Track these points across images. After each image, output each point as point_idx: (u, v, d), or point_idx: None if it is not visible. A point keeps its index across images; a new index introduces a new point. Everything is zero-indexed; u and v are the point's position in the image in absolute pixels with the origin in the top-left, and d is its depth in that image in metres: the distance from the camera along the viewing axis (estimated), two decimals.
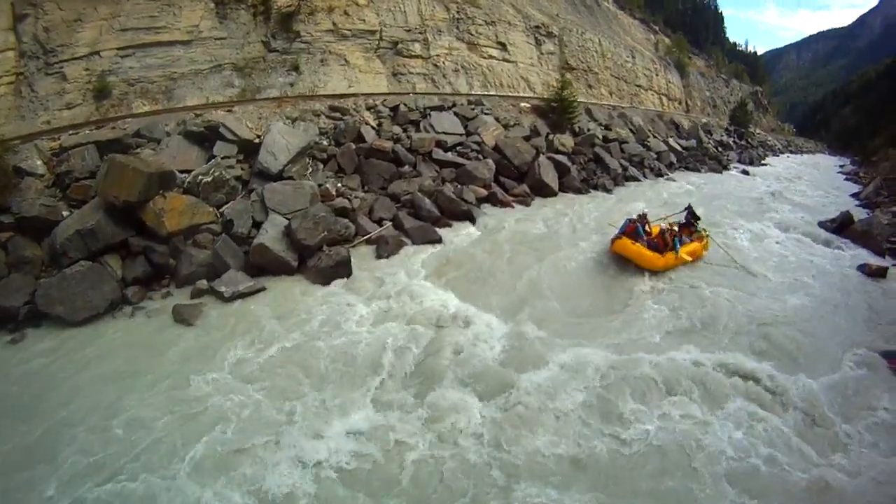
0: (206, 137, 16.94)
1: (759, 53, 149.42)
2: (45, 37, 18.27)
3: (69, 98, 18.57)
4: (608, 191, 25.94)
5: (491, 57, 35.26)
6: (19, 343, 11.24)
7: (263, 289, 13.18)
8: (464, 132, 24.03)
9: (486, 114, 26.46)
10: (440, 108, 24.73)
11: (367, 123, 21.01)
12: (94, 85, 18.99)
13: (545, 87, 37.00)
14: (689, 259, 15.76)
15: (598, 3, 56.82)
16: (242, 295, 12.75)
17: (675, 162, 36.37)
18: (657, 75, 55.13)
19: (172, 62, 21.17)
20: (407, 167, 19.86)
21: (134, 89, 20.00)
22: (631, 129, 36.77)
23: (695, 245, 16.49)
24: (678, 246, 15.48)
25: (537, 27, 39.46)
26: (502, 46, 36.05)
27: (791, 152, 75.06)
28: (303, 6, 25.48)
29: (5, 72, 17.49)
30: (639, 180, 29.59)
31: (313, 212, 14.59)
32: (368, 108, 22.47)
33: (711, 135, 51.23)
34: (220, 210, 14.89)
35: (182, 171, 15.29)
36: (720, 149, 47.74)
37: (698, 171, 36.77)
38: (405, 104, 23.47)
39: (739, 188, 32.10)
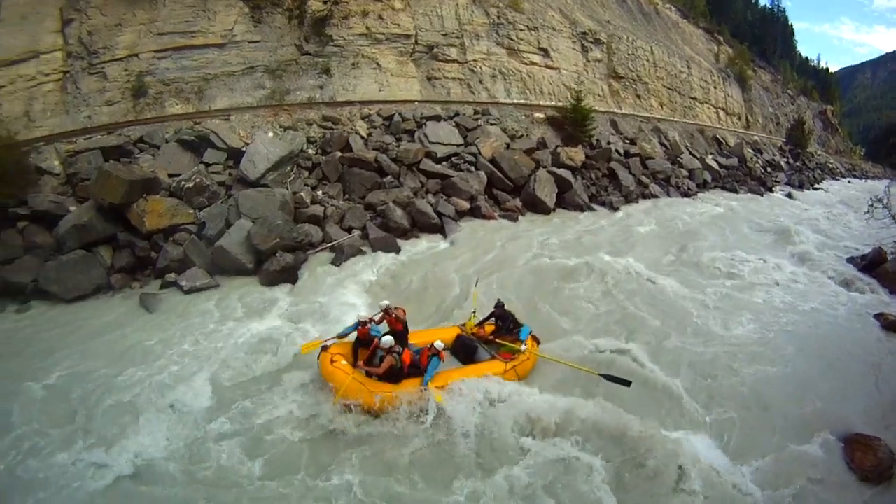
0: (198, 145, 19.56)
1: (831, 70, 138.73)
2: (89, 39, 21.39)
3: (109, 96, 21.61)
4: (614, 208, 26.16)
5: (532, 63, 35.65)
6: (23, 312, 14.37)
7: (217, 286, 15.57)
8: (462, 143, 24.94)
9: (491, 124, 27.21)
10: (437, 118, 25.61)
11: (357, 133, 22.69)
12: (132, 84, 21.93)
13: (591, 94, 37.14)
14: (440, 398, 9.85)
15: (656, 11, 55.26)
16: (197, 290, 15.20)
17: (709, 181, 35.82)
18: (715, 88, 53.42)
19: (206, 64, 23.74)
20: (389, 177, 21.30)
21: (169, 89, 22.76)
22: (664, 144, 36.44)
23: (493, 365, 11.23)
24: (431, 372, 10.22)
25: (584, 33, 39.34)
26: (545, 52, 36.36)
27: (854, 177, 70.20)
28: (336, 10, 27.16)
29: (53, 70, 20.75)
30: (658, 198, 29.66)
31: (271, 219, 16.62)
32: (363, 118, 24.05)
33: (761, 154, 49.52)
34: (200, 212, 17.38)
35: (173, 176, 18.07)
36: (768, 169, 46.27)
37: (735, 191, 35.99)
38: (400, 114, 24.78)
39: (772, 213, 30.96)
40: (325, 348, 10.77)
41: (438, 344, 10.68)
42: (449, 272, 16.75)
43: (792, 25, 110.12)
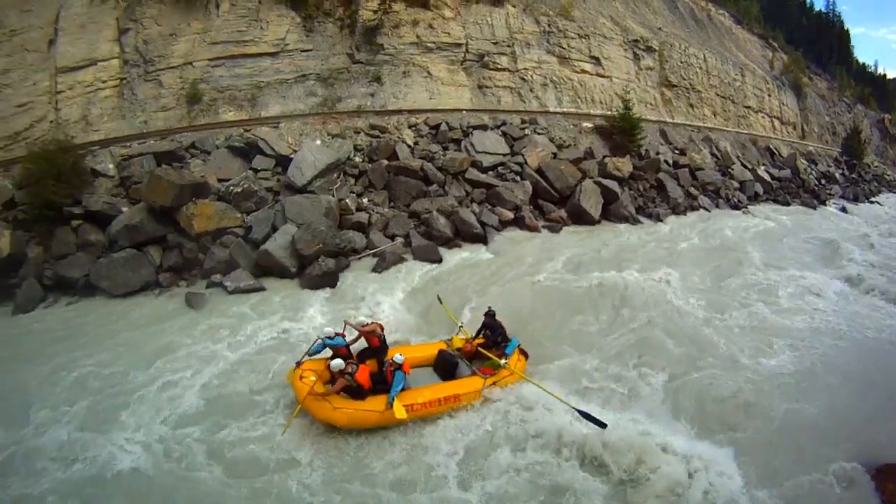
0: (247, 151, 20.03)
1: (889, 76, 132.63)
2: (145, 48, 22.21)
3: (164, 102, 22.33)
4: (660, 221, 25.58)
5: (583, 71, 35.23)
6: (74, 304, 15.31)
7: (262, 288, 15.94)
8: (508, 152, 24.82)
9: (539, 133, 26.99)
10: (484, 128, 25.56)
11: (403, 141, 22.83)
12: (186, 91, 22.60)
13: (643, 103, 36.75)
14: (405, 417, 9.71)
15: (709, 17, 54.02)
16: (242, 291, 15.60)
17: (760, 193, 34.65)
18: (769, 96, 51.65)
19: (259, 72, 24.30)
20: (434, 186, 21.37)
21: (223, 96, 23.36)
22: (714, 155, 35.55)
23: (471, 382, 10.94)
24: (397, 387, 9.92)
25: (635, 41, 38.77)
26: (596, 60, 35.86)
27: None
28: (387, 20, 27.44)
29: (110, 77, 21.63)
30: (708, 211, 28.95)
31: (315, 225, 16.99)
32: (410, 126, 24.18)
33: (815, 165, 47.68)
34: (248, 216, 17.78)
35: (222, 181, 18.55)
36: (822, 181, 44.52)
37: (787, 204, 34.83)
38: (447, 123, 24.80)
39: (824, 228, 29.27)
40: (298, 364, 10.72)
41: (398, 358, 10.26)
42: (483, 284, 16.61)
43: (848, 30, 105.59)
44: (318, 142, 21.29)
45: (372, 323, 11.57)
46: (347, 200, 19.36)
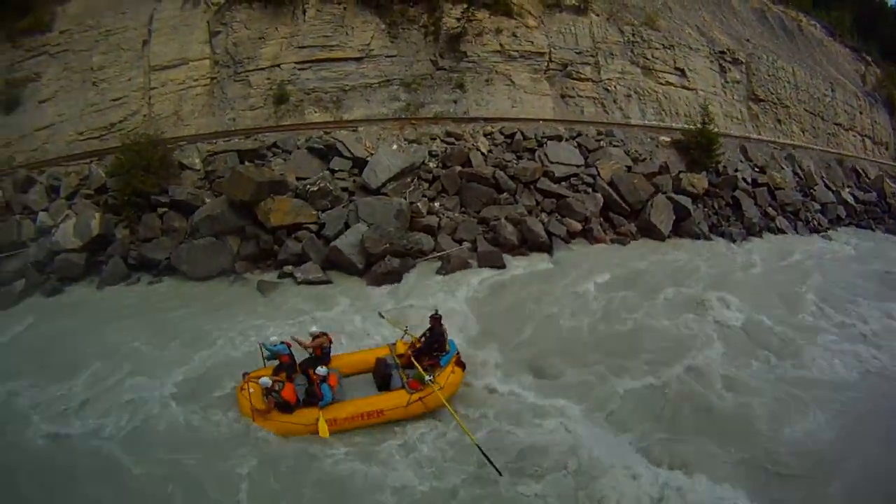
0: (325, 153, 20.90)
1: None
2: (234, 50, 23.44)
3: (252, 101, 23.41)
4: (733, 240, 24.65)
5: (668, 83, 34.20)
6: (154, 284, 17.03)
7: (329, 281, 17.00)
8: (582, 163, 24.50)
9: (614, 146, 26.50)
10: (559, 138, 25.34)
11: (477, 149, 23.01)
12: (274, 92, 23.54)
13: (728, 118, 35.74)
14: (327, 435, 10.04)
15: (800, 28, 51.47)
16: (310, 282, 16.67)
17: (843, 217, 32.64)
18: (861, 113, 48.02)
19: (344, 76, 24.95)
20: (505, 194, 21.48)
21: (309, 98, 24.15)
22: (797, 174, 33.87)
23: (396, 396, 10.87)
24: (326, 399, 10.47)
25: (722, 52, 37.48)
26: (681, 72, 34.74)
27: None
28: (470, 27, 27.60)
29: (202, 76, 23.02)
30: (785, 233, 27.65)
31: (385, 225, 17.80)
32: (485, 135, 24.25)
33: None
34: (322, 213, 18.60)
35: (301, 179, 19.46)
36: None
37: (871, 229, 32.75)
38: (522, 132, 24.74)
39: None
40: (244, 376, 11.17)
41: (321, 370, 10.66)
42: (545, 295, 16.81)
43: None
44: (395, 146, 21.80)
45: (322, 335, 11.78)
46: (419, 204, 19.82)
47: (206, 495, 9.02)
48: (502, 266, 18.58)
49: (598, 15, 32.30)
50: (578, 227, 21.57)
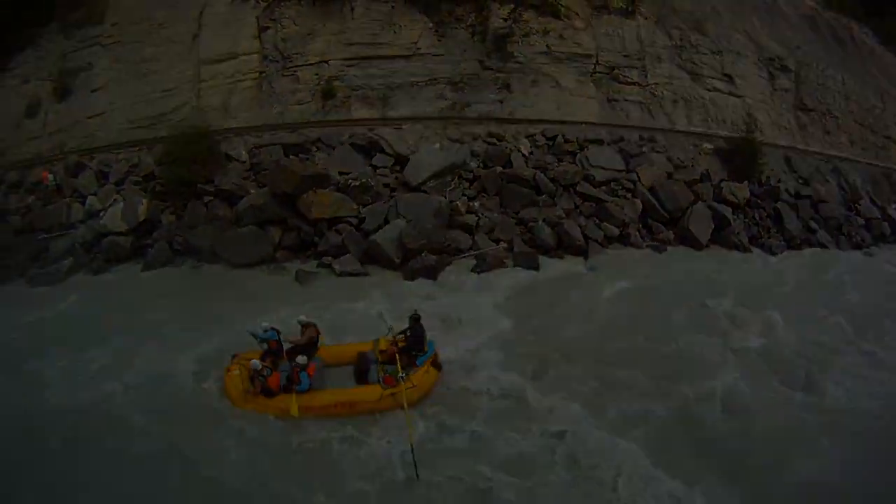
0: (368, 149, 21.36)
1: None
2: (283, 45, 23.95)
3: (300, 96, 23.84)
4: (773, 253, 24.09)
5: (715, 89, 33.46)
6: (197, 269, 17.94)
7: (367, 274, 17.36)
8: (623, 168, 24.39)
9: (657, 152, 26.28)
10: (601, 142, 25.27)
11: (519, 150, 23.08)
12: (321, 87, 23.92)
13: (775, 126, 35.04)
14: (297, 415, 10.70)
15: (852, 37, 49.89)
16: (347, 274, 17.09)
17: (887, 234, 31.20)
18: None
19: (391, 73, 25.10)
20: (545, 196, 21.51)
21: (356, 94, 24.41)
22: (842, 188, 33.06)
23: (368, 391, 11.30)
24: (303, 386, 10.91)
25: (770, 59, 36.59)
26: (728, 78, 33.90)
27: None
28: (517, 28, 27.49)
29: (251, 70, 23.61)
30: (826, 248, 26.80)
31: (423, 222, 18.04)
32: (527, 136, 24.25)
33: None
34: (363, 208, 18.97)
35: (343, 174, 19.87)
36: None
37: None
38: (564, 135, 24.71)
39: None
40: (233, 357, 11.84)
41: (301, 359, 11.05)
42: (573, 299, 16.86)
43: None
44: (437, 145, 22.02)
45: (309, 326, 12.21)
46: (458, 202, 20.02)
47: (186, 458, 9.92)
48: (537, 267, 18.63)
49: (645, 18, 31.72)
50: (616, 232, 21.41)
